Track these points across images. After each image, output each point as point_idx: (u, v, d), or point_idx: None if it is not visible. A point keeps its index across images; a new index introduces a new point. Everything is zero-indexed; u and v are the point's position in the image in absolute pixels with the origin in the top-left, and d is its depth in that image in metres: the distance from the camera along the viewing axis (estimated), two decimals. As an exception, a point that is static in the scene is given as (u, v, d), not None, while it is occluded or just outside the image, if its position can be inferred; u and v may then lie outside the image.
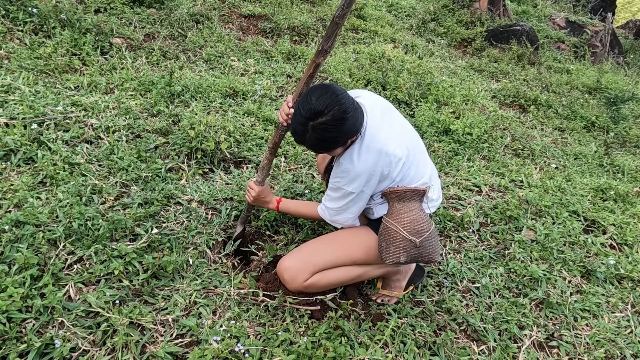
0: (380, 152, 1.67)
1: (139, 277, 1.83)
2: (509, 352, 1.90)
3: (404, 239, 1.70)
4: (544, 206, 2.94)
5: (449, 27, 7.23)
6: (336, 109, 1.52)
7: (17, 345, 1.46)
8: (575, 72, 6.61)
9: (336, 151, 1.70)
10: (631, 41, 10.12)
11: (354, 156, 1.68)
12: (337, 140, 1.60)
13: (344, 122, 1.54)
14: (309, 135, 1.58)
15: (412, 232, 1.70)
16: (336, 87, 1.58)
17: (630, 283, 2.45)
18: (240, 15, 5.28)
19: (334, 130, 1.55)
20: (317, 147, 1.64)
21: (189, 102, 3.27)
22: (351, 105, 1.56)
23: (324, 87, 1.57)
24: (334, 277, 1.86)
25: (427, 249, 1.73)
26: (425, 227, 1.73)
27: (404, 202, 1.75)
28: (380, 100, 1.84)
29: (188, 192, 2.41)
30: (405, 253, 1.72)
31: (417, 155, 1.82)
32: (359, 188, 1.71)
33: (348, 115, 1.54)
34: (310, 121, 1.54)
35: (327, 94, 1.53)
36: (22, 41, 3.34)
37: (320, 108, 1.52)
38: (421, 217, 1.73)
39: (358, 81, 4.23)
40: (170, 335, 1.66)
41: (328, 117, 1.52)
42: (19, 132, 2.39)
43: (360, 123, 1.62)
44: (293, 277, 1.80)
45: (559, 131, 4.62)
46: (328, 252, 1.85)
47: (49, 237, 1.85)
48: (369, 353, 1.70)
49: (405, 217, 1.72)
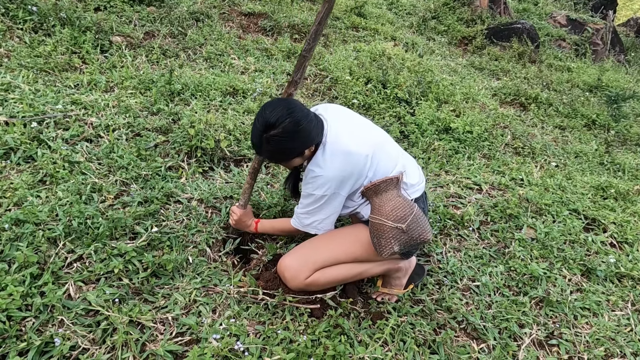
0: (346, 153, 1.73)
1: (138, 276, 1.83)
2: (508, 351, 1.90)
3: (391, 229, 1.73)
4: (544, 204, 2.94)
5: (449, 25, 7.22)
6: (287, 121, 1.60)
7: (17, 343, 1.47)
8: (576, 70, 6.60)
9: (294, 161, 1.78)
10: (632, 39, 10.10)
11: (320, 163, 1.74)
12: (291, 151, 1.69)
13: (296, 134, 1.63)
14: (264, 147, 1.67)
15: (396, 219, 1.73)
16: (291, 101, 1.68)
17: (630, 281, 2.45)
18: (240, 13, 5.27)
19: (286, 141, 1.63)
20: (272, 158, 1.77)
21: (189, 100, 3.27)
22: (304, 118, 1.64)
23: (277, 101, 1.67)
24: (335, 275, 1.86)
25: (415, 231, 1.75)
26: (408, 211, 1.75)
27: (381, 194, 1.79)
28: (339, 109, 1.93)
29: (188, 191, 2.41)
30: (397, 241, 1.74)
31: (384, 148, 1.85)
32: (331, 190, 1.75)
33: (300, 127, 1.62)
34: (263, 133, 1.63)
35: (279, 107, 1.63)
36: (21, 39, 3.33)
37: (272, 120, 1.60)
38: (401, 203, 1.76)
39: (358, 79, 4.22)
40: (170, 333, 1.66)
41: (279, 130, 1.61)
42: (19, 130, 2.39)
43: (316, 134, 1.70)
44: (294, 275, 1.81)
45: (559, 129, 4.61)
46: (328, 249, 1.86)
47: (48, 235, 1.85)
48: (369, 351, 1.70)
49: (386, 207, 1.75)
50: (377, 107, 3.89)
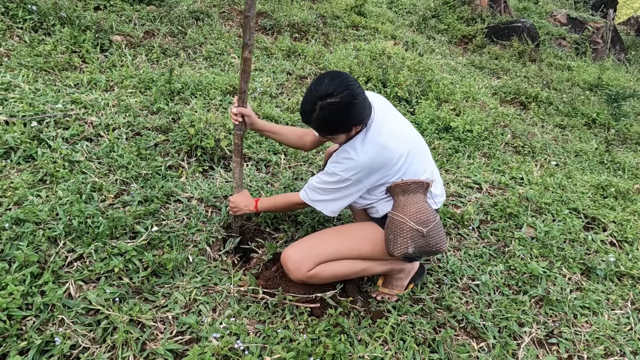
0: (382, 147, 1.71)
1: (139, 275, 1.83)
2: (508, 349, 1.90)
3: (411, 229, 1.72)
4: (544, 203, 2.94)
5: (449, 24, 7.21)
6: (346, 93, 1.58)
7: (17, 342, 1.47)
8: (576, 69, 6.59)
9: (339, 137, 1.75)
10: (633, 38, 10.09)
11: (357, 146, 1.72)
12: (342, 124, 1.65)
13: (352, 106, 1.60)
14: (316, 114, 1.63)
15: (419, 222, 1.73)
16: (348, 75, 1.65)
17: (630, 280, 2.45)
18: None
19: (341, 113, 1.61)
20: (322, 127, 1.70)
21: (189, 99, 3.27)
22: (361, 94, 1.63)
23: (336, 72, 1.64)
24: (338, 270, 1.85)
25: (434, 238, 1.75)
26: (432, 217, 1.76)
27: (408, 194, 1.78)
28: (383, 98, 1.91)
29: (188, 190, 2.41)
30: (413, 243, 1.73)
31: (419, 152, 1.84)
32: (356, 177, 1.73)
33: (356, 101, 1.60)
34: (319, 100, 1.60)
35: (338, 78, 1.60)
36: (21, 39, 3.33)
37: (331, 90, 1.59)
38: (426, 208, 1.77)
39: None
40: (170, 332, 1.67)
41: (337, 99, 1.58)
42: (19, 129, 2.39)
43: (366, 114, 1.68)
44: (297, 266, 1.80)
45: (559, 128, 4.61)
46: (333, 243, 1.86)
47: (49, 234, 1.85)
48: (369, 350, 1.70)
49: (411, 208, 1.75)
50: (377, 106, 3.89)
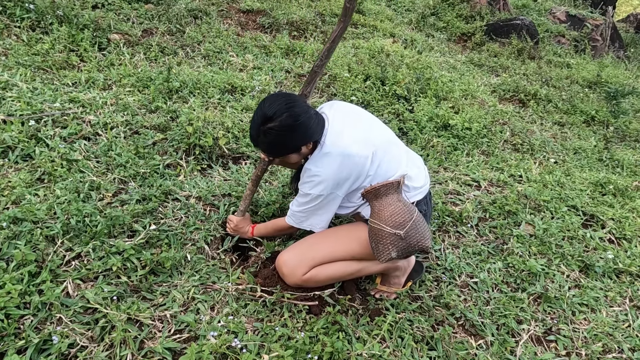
0: (344, 155, 1.71)
1: (137, 273, 1.83)
2: (506, 347, 1.91)
3: (389, 234, 1.70)
4: (542, 201, 2.94)
5: (448, 22, 7.20)
6: (285, 115, 1.62)
7: (15, 341, 1.47)
8: (575, 66, 6.59)
9: (291, 158, 1.78)
10: (632, 35, 10.08)
11: (317, 162, 1.74)
12: (288, 146, 1.70)
13: (293, 128, 1.64)
14: (260, 138, 1.68)
15: (395, 225, 1.69)
16: (291, 96, 1.69)
17: (628, 277, 2.46)
18: (239, 10, 5.26)
19: (283, 135, 1.65)
20: (269, 151, 1.78)
21: (187, 98, 3.27)
22: (303, 113, 1.65)
23: (278, 95, 1.69)
24: (333, 272, 1.86)
25: (414, 238, 1.71)
26: (407, 217, 1.71)
27: (380, 198, 1.75)
28: (344, 107, 1.90)
29: (186, 188, 2.41)
30: (395, 247, 1.71)
31: (388, 147, 1.84)
32: (327, 190, 1.75)
33: (297, 122, 1.63)
34: (261, 126, 1.65)
35: (278, 101, 1.65)
36: (19, 37, 3.33)
37: (270, 113, 1.62)
38: (400, 209, 1.73)
39: (357, 76, 4.21)
40: (168, 330, 1.67)
41: (276, 123, 1.62)
42: (17, 128, 2.39)
43: (314, 131, 1.70)
44: (291, 270, 1.81)
45: (558, 125, 4.61)
46: (327, 246, 1.86)
47: (46, 233, 1.85)
48: (367, 348, 1.70)
49: (385, 212, 1.72)
50: (376, 104, 3.89)
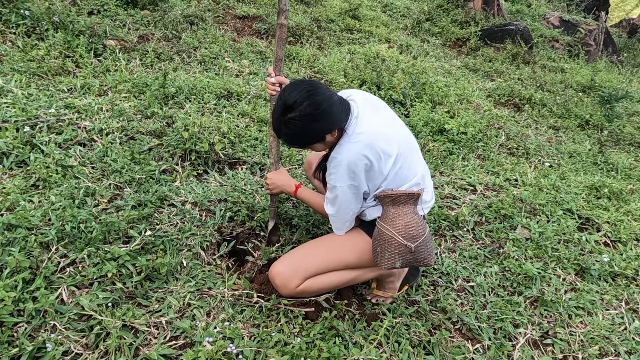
0: (366, 145, 1.63)
1: (132, 280, 1.82)
2: (503, 351, 1.90)
3: (400, 245, 1.68)
4: (538, 204, 2.95)
5: (443, 27, 7.25)
6: (305, 104, 1.54)
7: (8, 349, 1.45)
8: (569, 70, 6.64)
9: (317, 147, 1.70)
10: (625, 40, 10.18)
11: (343, 150, 1.65)
12: (311, 135, 1.61)
13: (315, 117, 1.55)
14: (283, 130, 1.61)
15: (408, 237, 1.68)
16: (312, 82, 1.60)
17: (624, 280, 2.46)
18: (235, 16, 5.28)
19: (305, 125, 1.57)
20: (292, 142, 1.68)
21: (183, 103, 3.27)
22: (326, 100, 1.57)
23: (298, 82, 1.60)
24: (327, 282, 1.85)
25: (422, 254, 1.70)
26: (420, 231, 1.70)
27: (398, 206, 1.72)
28: (372, 98, 1.82)
29: (182, 194, 2.40)
30: (401, 258, 1.70)
31: (410, 154, 1.78)
32: (348, 182, 1.67)
33: (319, 110, 1.55)
34: (282, 116, 1.58)
35: (298, 89, 1.56)
36: (14, 43, 3.32)
37: (290, 102, 1.55)
38: (416, 222, 1.71)
39: (353, 81, 4.23)
40: (163, 337, 1.65)
41: (296, 113, 1.55)
42: (12, 134, 2.38)
43: (338, 118, 1.61)
44: (285, 283, 1.78)
45: (553, 130, 4.64)
46: (320, 256, 1.83)
47: (41, 240, 1.84)
48: (364, 353, 1.69)
49: (400, 221, 1.69)
50: (372, 109, 3.89)
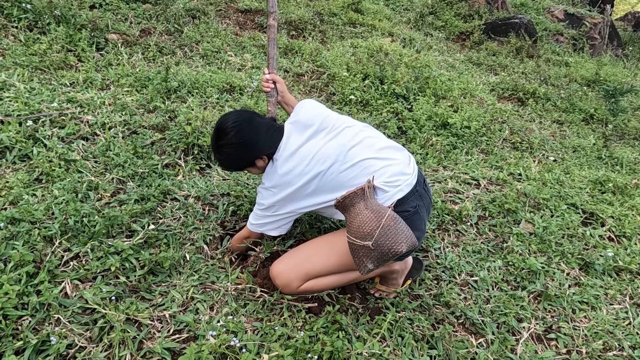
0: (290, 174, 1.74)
1: (135, 273, 1.82)
2: (507, 345, 1.90)
3: (360, 247, 1.63)
4: (542, 199, 2.94)
5: (447, 21, 7.20)
6: (232, 134, 1.72)
7: (13, 342, 1.46)
8: (573, 64, 6.59)
9: (250, 170, 1.87)
10: (630, 33, 10.09)
11: (267, 175, 1.81)
12: (240, 162, 1.80)
13: (241, 146, 1.73)
14: (216, 155, 1.82)
15: (362, 236, 1.61)
16: (244, 113, 1.79)
17: (628, 275, 2.45)
18: (237, 10, 5.25)
19: (233, 153, 1.76)
20: (225, 167, 1.92)
21: (186, 97, 3.26)
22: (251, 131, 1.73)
23: (232, 112, 1.79)
24: (329, 283, 1.86)
25: (384, 246, 1.59)
26: (374, 224, 1.60)
27: (348, 209, 1.70)
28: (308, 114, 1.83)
29: (185, 188, 2.40)
30: (368, 259, 1.63)
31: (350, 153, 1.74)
32: (278, 203, 1.79)
33: (243, 140, 1.72)
34: (215, 144, 1.78)
35: (230, 119, 1.74)
36: (16, 38, 3.31)
37: (220, 131, 1.74)
38: (367, 217, 1.62)
39: (355, 75, 4.21)
40: (167, 331, 1.66)
41: (225, 141, 1.74)
42: (14, 129, 2.38)
43: (265, 146, 1.76)
44: (286, 284, 1.79)
45: (557, 124, 4.61)
46: (322, 259, 1.81)
47: (44, 234, 1.84)
48: (367, 347, 1.69)
49: (353, 224, 1.65)
50: (375, 103, 3.88)
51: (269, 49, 1.99)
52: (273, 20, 1.96)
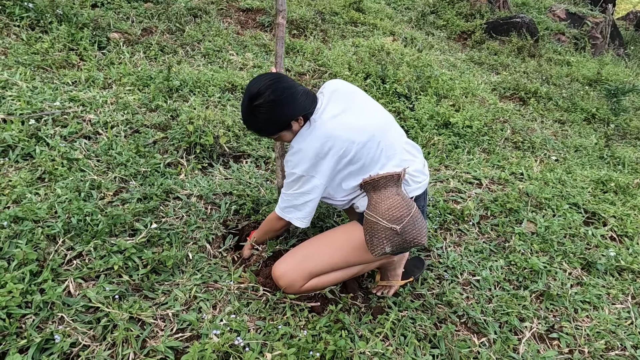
0: (328, 137, 1.66)
1: (138, 272, 1.83)
2: (509, 344, 1.90)
3: (385, 229, 1.66)
4: (544, 198, 2.94)
5: (448, 20, 7.19)
6: (268, 92, 1.61)
7: (17, 340, 1.46)
8: (575, 64, 6.58)
9: (285, 135, 1.74)
10: (632, 32, 10.08)
11: (302, 139, 1.70)
12: (276, 123, 1.67)
13: (278, 104, 1.62)
14: (250, 119, 1.68)
15: (392, 219, 1.65)
16: (276, 74, 1.69)
17: (630, 275, 2.45)
18: (239, 9, 5.25)
19: (269, 112, 1.63)
20: (259, 130, 1.73)
21: (188, 96, 3.26)
22: (288, 88, 1.64)
23: (264, 75, 1.68)
24: (331, 280, 1.87)
25: (410, 234, 1.67)
26: (405, 211, 1.66)
27: (379, 190, 1.72)
28: (343, 88, 1.82)
29: (187, 187, 2.40)
30: (389, 242, 1.67)
31: (384, 138, 1.75)
32: (306, 172, 1.69)
33: (282, 96, 1.62)
34: (248, 106, 1.64)
35: (262, 79, 1.65)
36: (18, 36, 3.32)
37: (254, 91, 1.62)
38: (399, 203, 1.68)
39: (357, 74, 4.20)
40: (170, 329, 1.66)
41: (261, 100, 1.61)
42: (17, 127, 2.38)
43: (302, 106, 1.67)
44: (289, 284, 1.80)
45: (559, 123, 4.60)
46: (325, 257, 1.82)
47: (47, 232, 1.85)
48: (369, 346, 1.69)
49: (382, 205, 1.68)
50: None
51: (277, 48, 1.93)
52: (282, 19, 1.90)
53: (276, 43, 1.93)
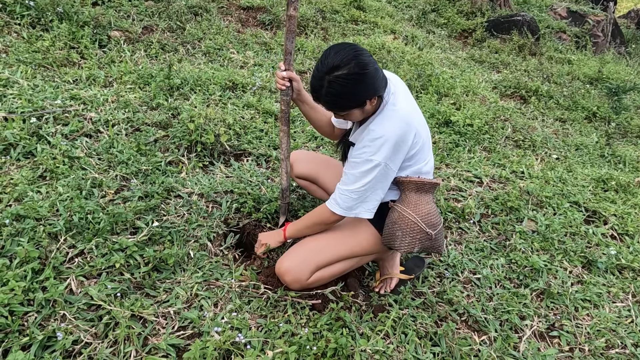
0: (408, 124, 1.59)
1: (140, 270, 1.83)
2: (510, 342, 1.91)
3: (422, 231, 1.72)
4: (545, 197, 2.94)
5: (449, 18, 7.18)
6: (353, 63, 1.47)
7: (19, 338, 1.47)
8: (576, 62, 6.57)
9: (354, 114, 1.61)
10: (633, 31, 10.06)
11: (383, 122, 1.59)
12: (354, 98, 1.53)
13: (361, 77, 1.49)
14: (325, 89, 1.52)
15: (429, 224, 1.73)
16: (356, 45, 1.54)
17: (631, 273, 2.45)
18: (239, 7, 5.25)
19: (350, 85, 1.49)
20: (332, 104, 1.57)
21: (188, 95, 3.26)
22: (371, 63, 1.51)
23: (343, 44, 1.54)
24: (336, 271, 1.87)
25: (437, 241, 1.77)
26: (439, 220, 1.77)
27: (421, 193, 1.75)
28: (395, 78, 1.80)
29: (188, 185, 2.40)
30: (420, 244, 1.74)
31: (428, 142, 1.79)
32: (386, 159, 1.59)
33: (366, 71, 1.49)
34: (326, 75, 1.49)
35: (345, 49, 1.50)
36: (19, 35, 3.32)
37: (337, 62, 1.48)
38: (435, 210, 1.77)
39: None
40: (172, 327, 1.67)
41: (344, 71, 1.48)
42: (18, 126, 2.38)
43: (380, 85, 1.56)
44: (295, 279, 1.78)
45: (560, 122, 4.60)
46: (330, 250, 1.82)
47: (49, 230, 1.85)
48: (370, 344, 1.70)
49: (423, 209, 1.73)
50: (377, 101, 3.88)
51: (287, 43, 1.70)
52: (294, 10, 1.65)
53: (286, 38, 1.70)
